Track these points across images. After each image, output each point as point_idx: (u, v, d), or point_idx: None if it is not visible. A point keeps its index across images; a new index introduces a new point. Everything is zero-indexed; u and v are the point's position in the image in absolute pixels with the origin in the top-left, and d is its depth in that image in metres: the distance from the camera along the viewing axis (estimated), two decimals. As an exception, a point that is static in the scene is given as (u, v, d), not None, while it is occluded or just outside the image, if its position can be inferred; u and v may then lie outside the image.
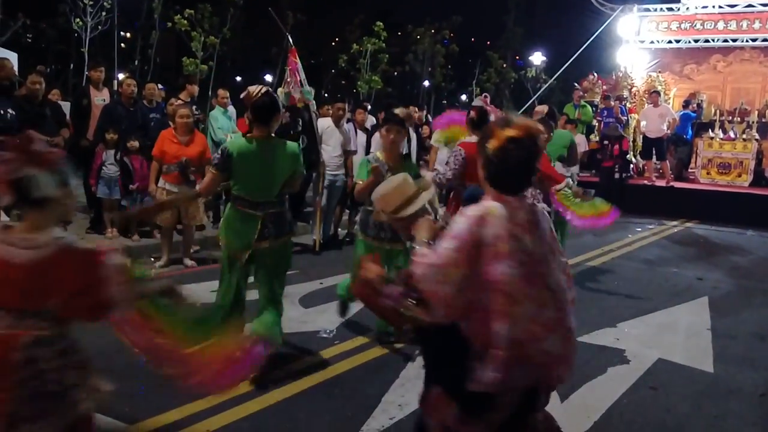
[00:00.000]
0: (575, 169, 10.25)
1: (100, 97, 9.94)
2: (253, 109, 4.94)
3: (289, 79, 9.68)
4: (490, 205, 2.75)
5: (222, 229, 5.21)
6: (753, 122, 16.95)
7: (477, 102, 6.79)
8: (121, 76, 15.97)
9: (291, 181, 5.05)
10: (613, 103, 16.77)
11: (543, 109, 8.25)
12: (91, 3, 25.39)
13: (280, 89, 9.75)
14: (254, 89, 5.00)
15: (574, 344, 2.72)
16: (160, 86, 12.85)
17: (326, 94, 41.49)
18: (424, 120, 13.49)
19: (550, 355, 2.71)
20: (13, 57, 12.07)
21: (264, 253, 4.98)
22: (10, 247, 2.57)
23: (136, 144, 9.03)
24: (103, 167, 8.91)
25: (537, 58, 44.87)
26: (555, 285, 2.72)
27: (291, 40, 10.22)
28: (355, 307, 6.78)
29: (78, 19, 26.11)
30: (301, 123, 9.71)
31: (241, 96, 5.12)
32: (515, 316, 2.65)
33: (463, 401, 2.75)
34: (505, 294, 2.64)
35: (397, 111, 6.30)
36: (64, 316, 2.69)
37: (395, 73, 46.91)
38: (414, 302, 2.84)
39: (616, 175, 15.34)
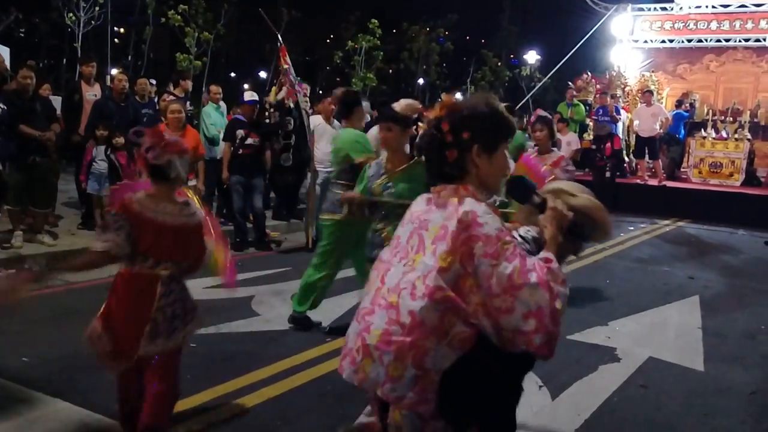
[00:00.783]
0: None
1: (91, 93, 9.90)
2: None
3: (283, 80, 9.68)
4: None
5: None
6: (745, 122, 17.02)
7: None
8: (114, 71, 15.89)
9: None
10: (609, 100, 16.82)
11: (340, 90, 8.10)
12: (84, -2, 25.30)
13: (275, 90, 9.74)
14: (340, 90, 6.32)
15: (363, 344, 2.39)
16: (151, 81, 12.82)
17: (321, 91, 41.39)
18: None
19: (346, 338, 2.57)
20: (5, 51, 12.01)
21: None
22: (156, 213, 3.44)
23: (121, 140, 8.98)
24: (94, 163, 8.87)
25: (531, 56, 44.84)
26: (388, 280, 2.46)
27: (281, 39, 10.19)
28: (345, 305, 6.82)
29: (71, 14, 25.96)
30: (291, 122, 9.72)
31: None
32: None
33: None
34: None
35: (395, 105, 5.37)
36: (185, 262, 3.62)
37: (390, 71, 46.84)
38: None
39: (607, 174, 15.40)
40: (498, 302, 2.23)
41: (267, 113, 9.68)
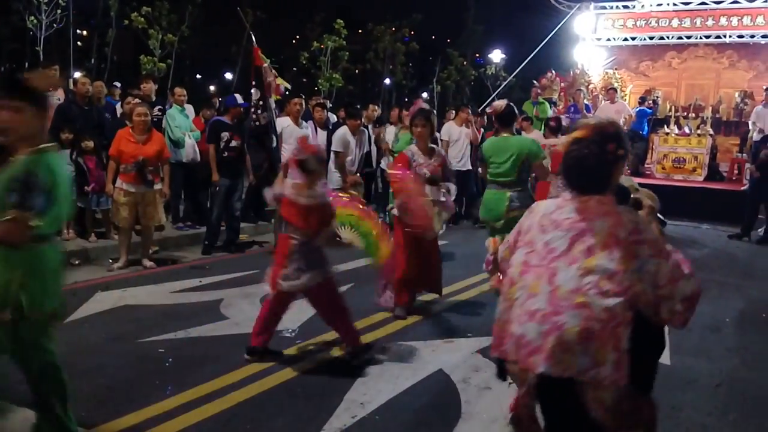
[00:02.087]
0: None
1: (54, 96, 9.78)
2: (501, 117, 6.99)
3: (270, 79, 9.62)
4: (543, 201, 3.08)
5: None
6: (707, 118, 17.25)
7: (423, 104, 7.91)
8: (77, 74, 15.72)
9: (528, 166, 6.77)
10: (581, 97, 16.96)
11: (501, 104, 7.29)
12: (45, 1, 24.96)
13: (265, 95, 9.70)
14: (499, 104, 7.12)
15: (561, 341, 2.64)
16: (116, 84, 12.68)
17: (287, 92, 41.32)
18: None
19: (521, 338, 2.77)
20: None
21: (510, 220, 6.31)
22: (298, 196, 5.06)
23: (90, 144, 8.90)
24: (59, 168, 8.75)
25: (496, 55, 45.09)
26: (563, 282, 2.72)
27: (254, 38, 10.15)
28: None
29: (32, 17, 25.64)
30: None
31: (488, 111, 7.62)
32: (508, 294, 2.91)
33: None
34: (508, 274, 2.98)
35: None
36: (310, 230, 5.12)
37: (356, 71, 46.82)
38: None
39: None
40: (662, 291, 2.72)
41: (255, 115, 9.61)
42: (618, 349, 2.65)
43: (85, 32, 41.49)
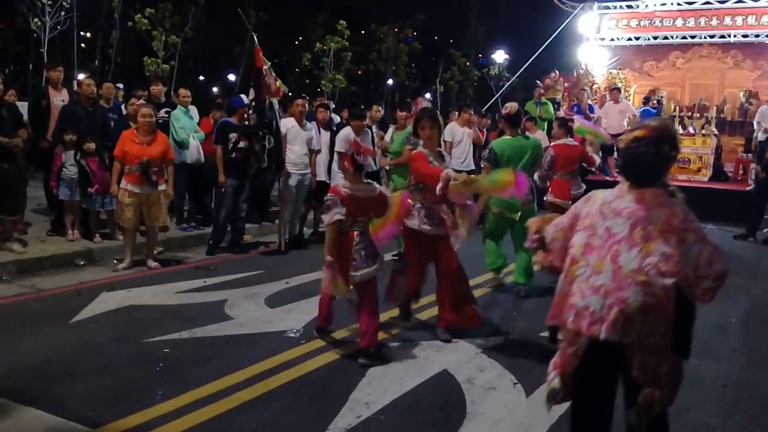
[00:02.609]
0: None
1: (59, 98, 9.80)
2: (510, 118, 7.69)
3: (270, 81, 9.60)
4: (601, 191, 3.46)
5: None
6: (712, 118, 17.21)
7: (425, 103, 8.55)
8: (81, 76, 15.74)
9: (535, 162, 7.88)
10: (585, 97, 16.95)
11: (514, 105, 7.95)
12: (49, 3, 24.99)
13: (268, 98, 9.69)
14: (513, 105, 7.84)
15: (626, 311, 3.07)
16: (118, 86, 12.68)
17: (290, 93, 41.32)
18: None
19: (584, 308, 3.21)
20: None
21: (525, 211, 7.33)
22: (356, 190, 5.59)
23: (92, 146, 8.89)
24: (64, 169, 8.76)
25: (500, 56, 45.02)
26: (625, 262, 3.13)
27: (256, 39, 10.14)
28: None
29: (36, 19, 25.68)
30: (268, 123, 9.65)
31: (503, 111, 7.83)
32: (570, 271, 3.36)
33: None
34: (570, 254, 3.39)
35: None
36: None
37: (359, 72, 46.87)
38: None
39: None
40: (701, 272, 3.14)
41: (246, 114, 9.61)
42: (667, 320, 3.13)
43: (89, 34, 41.58)
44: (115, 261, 8.50)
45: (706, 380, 5.32)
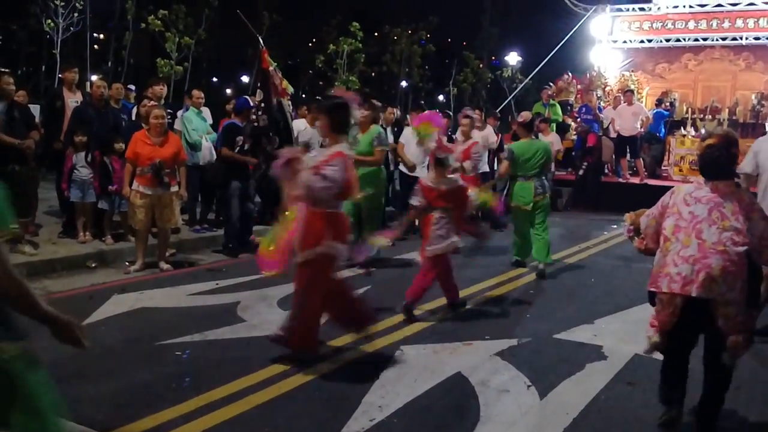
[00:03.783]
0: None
1: (73, 99, 9.83)
2: (526, 125, 9.08)
3: (276, 82, 9.62)
4: (683, 185, 4.56)
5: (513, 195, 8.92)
6: (724, 119, 17.16)
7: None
8: (94, 77, 15.80)
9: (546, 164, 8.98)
10: (595, 98, 16.91)
11: (528, 114, 9.58)
12: (62, 4, 25.07)
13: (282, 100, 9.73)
14: (527, 114, 9.37)
15: (711, 274, 4.04)
16: (130, 87, 12.71)
17: (304, 95, 41.28)
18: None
19: (678, 276, 4.15)
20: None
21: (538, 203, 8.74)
22: (438, 183, 6.73)
23: (122, 145, 8.86)
24: (75, 170, 8.79)
25: (513, 58, 44.89)
26: (708, 237, 4.12)
27: (262, 42, 10.15)
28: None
29: (49, 21, 25.77)
30: (275, 124, 9.66)
31: (519, 119, 9.18)
32: (664, 247, 4.32)
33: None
34: (663, 234, 4.36)
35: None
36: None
37: (372, 74, 46.79)
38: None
39: (581, 172, 15.45)
40: (765, 242, 4.16)
41: (255, 116, 9.61)
42: (742, 279, 4.10)
43: (101, 35, 41.71)
44: (127, 263, 8.51)
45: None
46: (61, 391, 4.51)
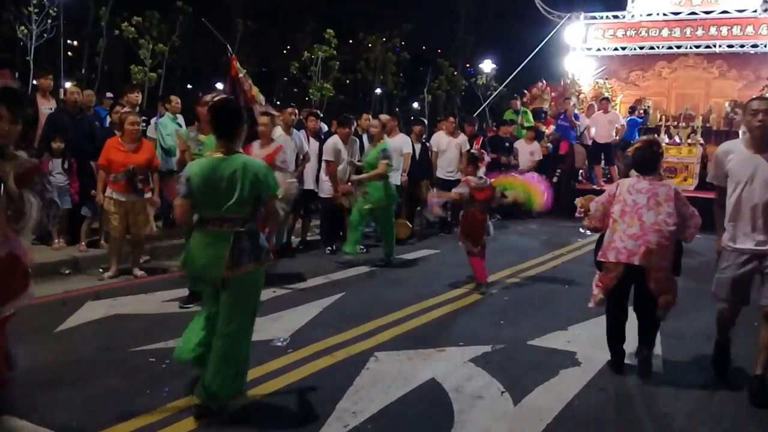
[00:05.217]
0: None
1: (47, 106, 9.75)
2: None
3: (246, 88, 9.60)
4: (626, 179, 5.69)
5: None
6: (697, 127, 17.32)
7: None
8: (68, 84, 15.68)
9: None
10: (571, 104, 17.05)
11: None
12: (36, 11, 24.91)
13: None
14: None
15: (650, 248, 5.25)
16: (108, 95, 12.64)
17: (278, 102, 41.29)
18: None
19: (624, 249, 5.34)
20: (-45, 66, 11.81)
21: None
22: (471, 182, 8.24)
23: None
24: (51, 176, 8.71)
25: (487, 65, 45.21)
26: (647, 219, 5.31)
27: (230, 49, 10.17)
28: (307, 316, 6.79)
29: (23, 27, 25.60)
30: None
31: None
32: (612, 228, 5.48)
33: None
34: (612, 218, 5.50)
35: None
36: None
37: (347, 81, 46.89)
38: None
39: (554, 179, 15.56)
40: (687, 222, 5.36)
41: None
42: (671, 251, 5.32)
43: (75, 42, 41.46)
44: (101, 270, 8.44)
45: (693, 388, 5.33)
46: (34, 397, 4.51)
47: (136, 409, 4.47)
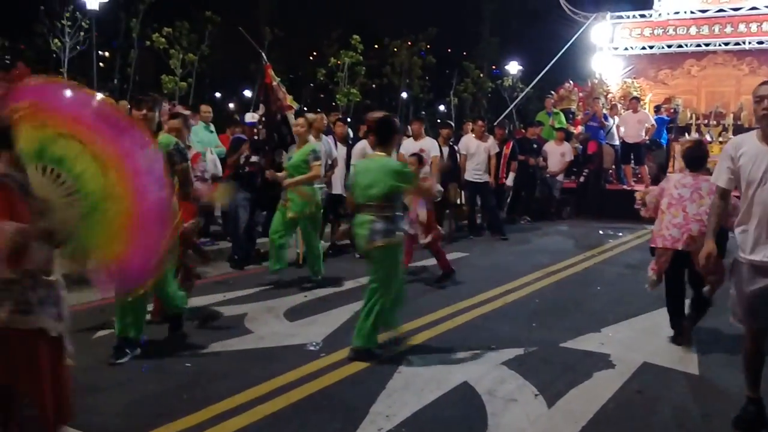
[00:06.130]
0: None
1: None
2: None
3: (281, 96, 9.69)
4: (674, 174, 7.23)
5: None
6: (728, 125, 17.11)
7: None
8: (100, 95, 15.89)
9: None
10: (600, 106, 16.98)
11: None
12: (69, 24, 25.30)
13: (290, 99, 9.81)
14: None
15: (692, 235, 5.92)
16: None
17: (305, 108, 41.48)
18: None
19: (669, 237, 6.09)
20: (-10, 79, 11.99)
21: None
22: None
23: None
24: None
25: (513, 67, 45.06)
26: (690, 210, 6.00)
27: (265, 57, 10.25)
28: (339, 320, 6.83)
29: (56, 40, 26.00)
30: (278, 138, 9.71)
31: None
32: (661, 218, 6.23)
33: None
34: (661, 209, 6.26)
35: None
36: None
37: (373, 86, 46.99)
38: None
39: (581, 179, 15.51)
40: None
41: (255, 130, 9.73)
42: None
43: (107, 53, 41.98)
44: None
45: (729, 390, 5.27)
46: (72, 402, 4.57)
47: (173, 414, 4.54)
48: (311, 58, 47.98)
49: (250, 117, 10.07)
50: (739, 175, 4.52)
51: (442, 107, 51.03)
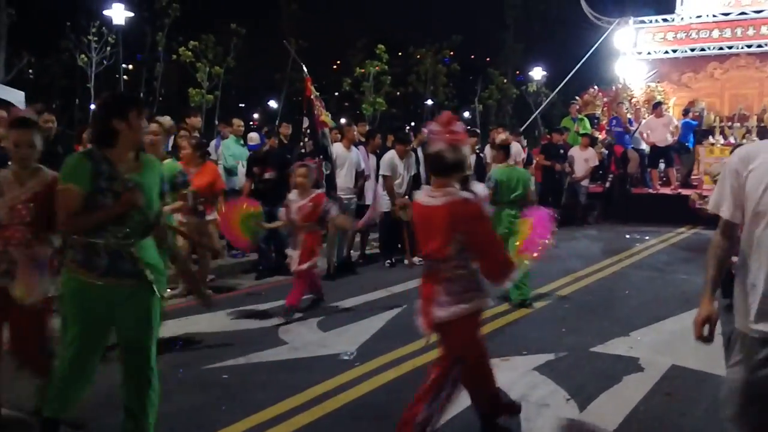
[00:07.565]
0: None
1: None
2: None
3: (316, 111, 9.85)
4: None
5: None
6: (752, 127, 17.08)
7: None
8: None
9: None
10: (624, 111, 17.00)
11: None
12: (95, 39, 25.69)
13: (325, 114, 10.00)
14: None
15: None
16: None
17: (336, 126, 41.73)
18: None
19: None
20: (20, 95, 12.27)
21: None
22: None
23: None
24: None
25: (537, 72, 44.95)
26: None
27: (306, 70, 10.41)
28: (371, 329, 6.93)
29: (83, 55, 26.39)
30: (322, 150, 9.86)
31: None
32: None
33: None
34: None
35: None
36: None
37: (398, 94, 47.11)
38: None
39: (607, 185, 15.53)
40: None
41: (303, 142, 9.91)
42: None
43: (131, 66, 42.41)
44: (169, 290, 8.68)
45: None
46: (112, 415, 4.69)
47: (213, 425, 4.65)
48: (335, 67, 48.24)
49: (256, 139, 10.22)
50: (744, 202, 3.05)
51: (467, 114, 50.98)
